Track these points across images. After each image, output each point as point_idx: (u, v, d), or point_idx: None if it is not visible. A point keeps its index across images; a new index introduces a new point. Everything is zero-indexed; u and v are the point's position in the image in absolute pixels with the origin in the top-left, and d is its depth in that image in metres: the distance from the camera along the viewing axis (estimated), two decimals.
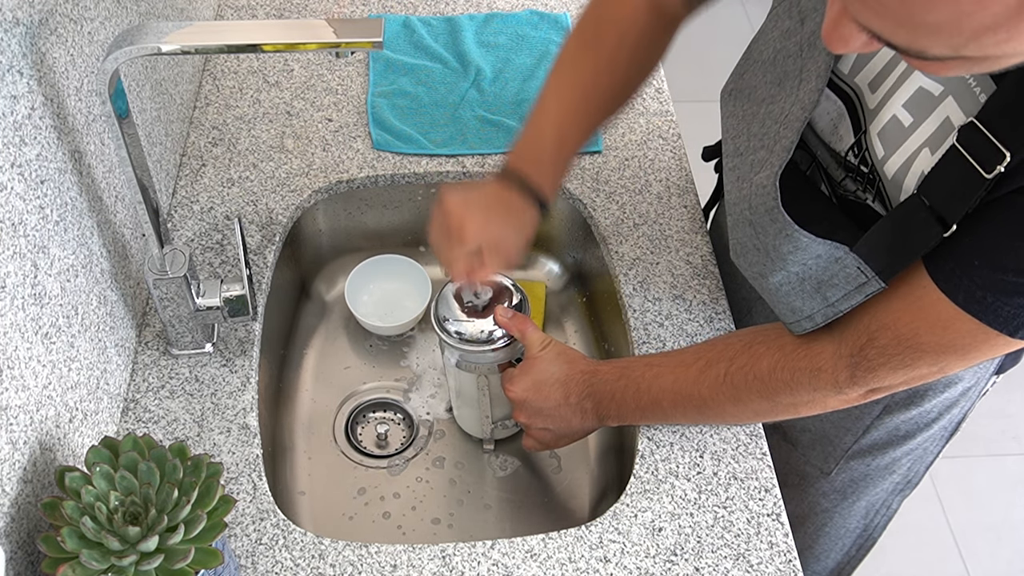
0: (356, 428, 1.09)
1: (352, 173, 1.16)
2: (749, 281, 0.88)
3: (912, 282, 0.71)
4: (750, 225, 0.81)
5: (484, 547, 0.85)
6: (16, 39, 0.69)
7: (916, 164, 0.70)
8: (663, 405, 0.88)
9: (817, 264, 0.76)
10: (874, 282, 0.73)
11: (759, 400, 0.83)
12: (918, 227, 0.68)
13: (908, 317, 0.72)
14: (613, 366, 0.91)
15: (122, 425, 0.91)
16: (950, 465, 2.06)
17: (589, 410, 0.91)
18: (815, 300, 0.78)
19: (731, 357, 0.84)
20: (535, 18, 1.38)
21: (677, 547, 0.86)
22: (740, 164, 0.83)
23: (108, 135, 0.89)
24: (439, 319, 0.93)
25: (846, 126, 0.77)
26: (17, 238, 0.69)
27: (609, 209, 1.14)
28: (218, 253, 1.06)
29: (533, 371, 0.91)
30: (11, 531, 0.68)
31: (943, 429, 1.03)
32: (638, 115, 1.25)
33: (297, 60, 1.29)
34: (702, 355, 0.86)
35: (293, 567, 0.83)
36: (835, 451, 1.06)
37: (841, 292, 0.75)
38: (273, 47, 0.72)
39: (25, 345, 0.70)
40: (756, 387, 0.82)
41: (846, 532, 1.19)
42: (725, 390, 0.84)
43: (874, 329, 0.74)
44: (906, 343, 0.72)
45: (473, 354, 0.93)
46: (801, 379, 0.80)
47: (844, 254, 0.74)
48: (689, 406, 0.87)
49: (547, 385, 0.91)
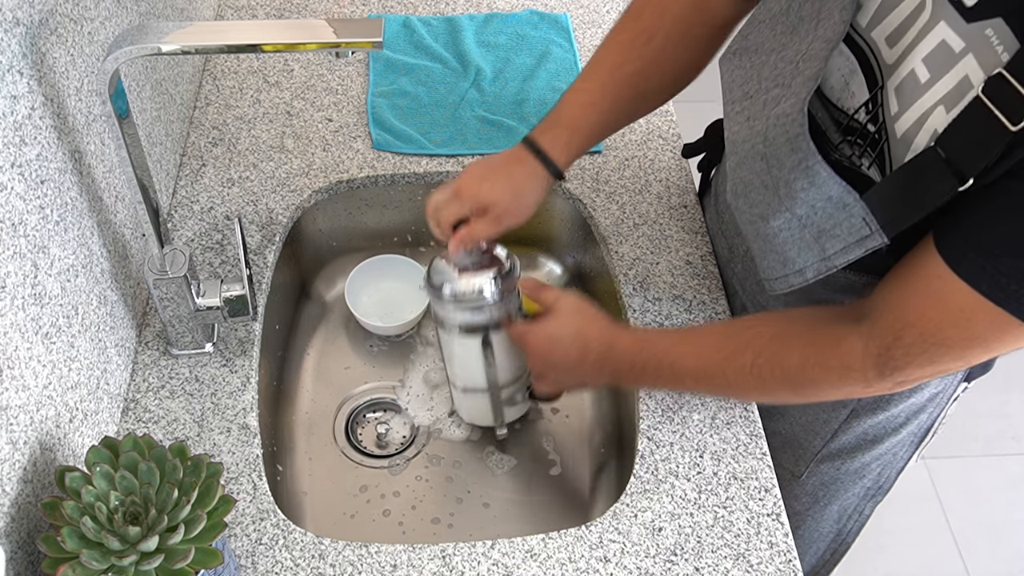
0: (356, 428, 1.09)
1: (352, 173, 1.16)
2: (743, 229, 0.87)
3: (932, 274, 0.71)
4: (762, 159, 0.80)
5: (484, 547, 0.85)
6: (16, 39, 0.69)
7: (929, 122, 0.69)
8: (686, 383, 0.89)
9: (824, 209, 0.75)
10: (876, 236, 0.72)
11: (786, 391, 0.84)
12: (932, 180, 0.67)
13: (932, 312, 0.71)
14: (633, 338, 0.90)
15: (122, 425, 0.91)
16: (950, 465, 2.06)
17: (606, 374, 0.91)
18: (812, 251, 0.78)
19: (758, 349, 0.82)
20: (535, 18, 1.38)
21: (677, 547, 0.86)
22: (750, 105, 0.82)
23: (108, 135, 0.89)
24: (433, 286, 0.92)
25: (859, 82, 0.76)
26: (17, 238, 0.69)
27: (609, 209, 1.14)
28: (218, 253, 1.06)
29: (550, 325, 0.90)
30: (11, 531, 0.68)
31: (911, 435, 1.03)
32: None
33: (297, 60, 1.29)
34: (728, 342, 0.85)
35: (293, 567, 0.83)
36: (805, 454, 1.07)
37: (840, 244, 0.75)
38: (273, 47, 0.72)
39: (25, 345, 0.70)
40: (783, 380, 0.82)
41: (819, 536, 1.19)
42: (751, 380, 0.83)
43: (899, 328, 0.74)
44: (931, 339, 0.72)
45: (473, 311, 0.91)
46: (831, 377, 0.80)
47: (853, 201, 0.73)
48: (712, 387, 0.89)
49: (564, 342, 0.90)
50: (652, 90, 0.95)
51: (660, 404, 0.96)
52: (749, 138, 0.82)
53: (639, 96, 0.94)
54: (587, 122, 0.93)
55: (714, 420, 0.95)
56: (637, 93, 0.94)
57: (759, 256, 0.85)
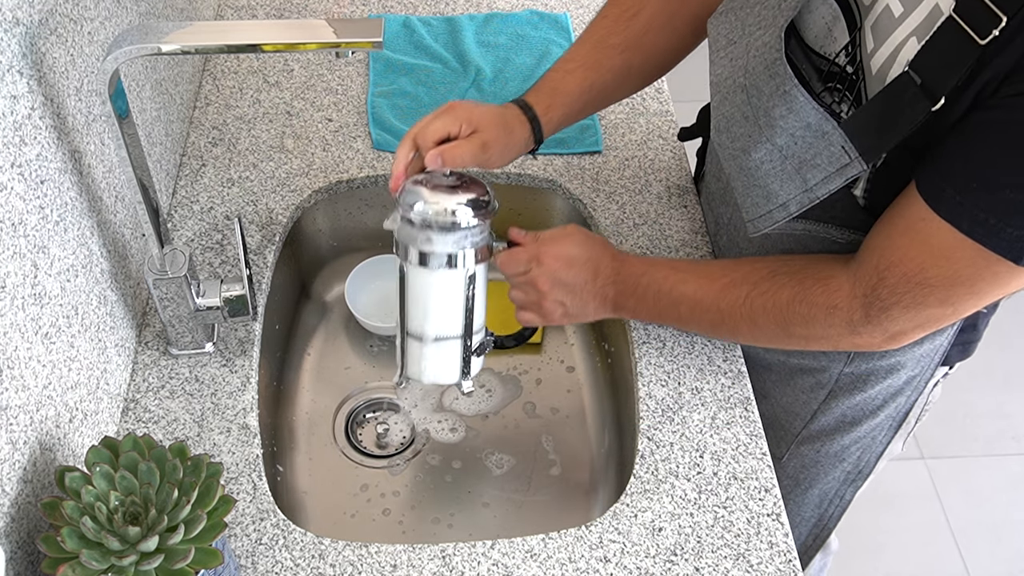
0: (356, 428, 1.09)
1: (352, 173, 1.16)
2: (726, 166, 0.88)
3: (915, 216, 0.73)
4: (743, 91, 0.82)
5: (484, 547, 0.85)
6: (16, 39, 0.69)
7: (902, 54, 0.71)
8: (680, 310, 0.90)
9: (804, 138, 0.77)
10: (856, 164, 0.74)
11: (774, 327, 0.86)
12: (907, 104, 0.69)
13: (914, 252, 0.73)
14: (640, 260, 0.93)
15: (122, 425, 0.91)
16: (950, 465, 2.06)
17: (609, 297, 0.92)
18: (794, 183, 0.79)
19: (754, 282, 0.86)
20: (535, 18, 1.38)
21: (677, 547, 0.86)
22: (733, 49, 0.84)
23: (108, 135, 0.89)
24: (411, 210, 0.81)
25: (841, 28, 0.78)
26: (17, 238, 0.69)
27: (609, 209, 1.14)
28: (218, 253, 1.06)
29: (567, 244, 0.90)
30: (11, 531, 0.68)
31: (889, 418, 1.05)
32: (638, 115, 1.25)
33: (297, 60, 1.29)
34: (727, 273, 0.88)
35: (293, 567, 0.83)
36: (786, 435, 1.09)
37: (822, 174, 0.77)
38: (273, 47, 0.72)
39: (25, 345, 0.70)
40: (774, 315, 0.85)
41: (801, 521, 1.21)
42: (744, 311, 0.86)
43: (883, 268, 0.76)
44: (914, 279, 0.74)
45: (457, 236, 0.82)
46: (817, 314, 0.82)
47: (832, 128, 0.75)
48: (705, 317, 0.90)
49: (579, 261, 0.90)
50: (637, 65, 0.97)
51: (660, 404, 0.96)
52: (731, 74, 0.84)
53: (624, 68, 0.96)
54: (568, 87, 0.95)
55: (714, 420, 0.95)
56: (622, 64, 0.96)
57: (742, 195, 0.86)
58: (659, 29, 0.95)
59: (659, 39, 0.96)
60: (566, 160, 1.20)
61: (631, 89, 1.01)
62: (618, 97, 1.01)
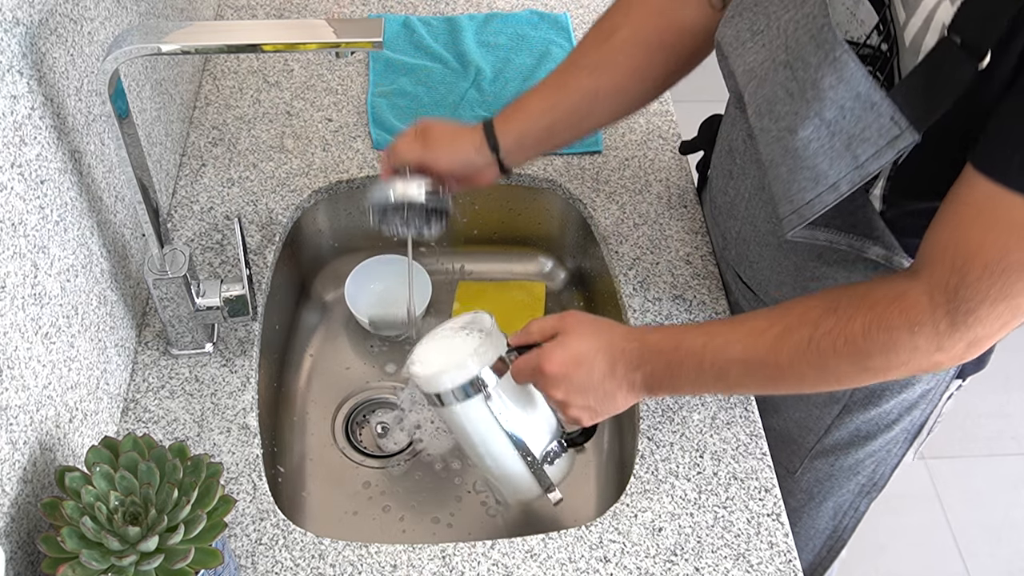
0: (356, 428, 1.09)
1: (352, 173, 1.16)
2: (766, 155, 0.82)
3: (982, 197, 0.68)
4: (786, 67, 0.77)
5: (484, 547, 0.85)
6: (16, 39, 0.69)
7: (936, 18, 0.68)
8: (729, 376, 0.81)
9: (853, 110, 0.72)
10: (908, 134, 0.69)
11: (847, 366, 0.77)
12: (952, 66, 0.66)
13: (992, 236, 0.67)
14: (665, 335, 0.84)
15: (122, 425, 0.91)
16: (950, 465, 2.06)
17: (638, 383, 0.83)
18: (844, 160, 0.74)
19: (815, 321, 0.77)
20: (535, 18, 1.38)
21: (677, 547, 0.86)
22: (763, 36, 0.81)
23: (108, 135, 0.89)
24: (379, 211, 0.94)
25: (866, 9, 0.75)
26: (17, 238, 0.69)
27: (609, 209, 1.14)
28: (218, 253, 1.06)
29: (572, 344, 0.82)
30: (11, 531, 0.68)
31: (904, 432, 1.03)
32: (638, 115, 1.25)
33: (297, 60, 1.29)
34: (776, 321, 0.79)
35: (293, 567, 0.83)
36: (799, 450, 1.07)
37: (872, 149, 0.72)
38: (273, 47, 0.72)
39: (25, 345, 0.70)
40: (847, 352, 0.76)
41: (815, 533, 1.20)
42: (809, 357, 0.77)
43: (960, 264, 0.69)
44: (999, 267, 0.68)
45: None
46: (900, 338, 0.73)
47: (880, 99, 0.70)
48: (761, 375, 0.80)
49: (589, 357, 0.82)
50: (605, 87, 0.94)
51: (660, 404, 0.96)
52: (768, 56, 0.80)
53: (591, 89, 0.94)
54: (529, 105, 0.96)
55: (714, 420, 0.95)
56: (590, 85, 0.94)
57: (786, 182, 0.80)
58: (631, 51, 0.93)
59: (631, 60, 0.93)
60: (566, 160, 1.20)
61: (605, 115, 0.97)
62: (591, 123, 0.98)
